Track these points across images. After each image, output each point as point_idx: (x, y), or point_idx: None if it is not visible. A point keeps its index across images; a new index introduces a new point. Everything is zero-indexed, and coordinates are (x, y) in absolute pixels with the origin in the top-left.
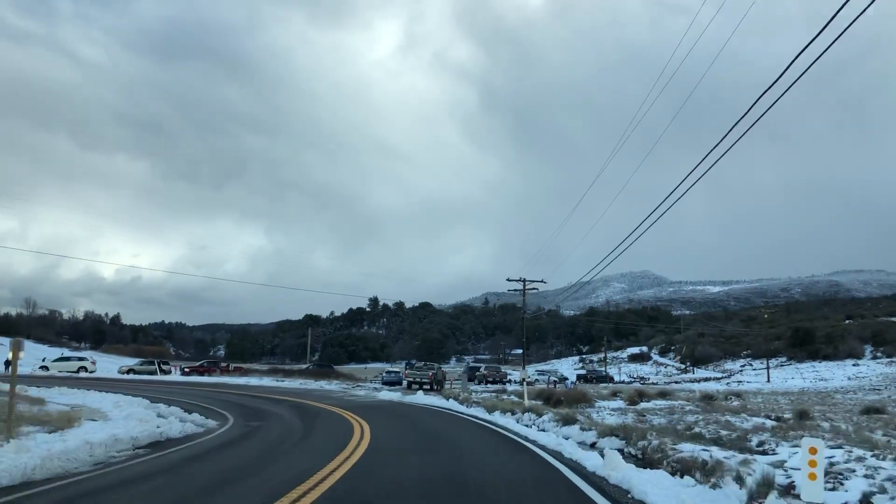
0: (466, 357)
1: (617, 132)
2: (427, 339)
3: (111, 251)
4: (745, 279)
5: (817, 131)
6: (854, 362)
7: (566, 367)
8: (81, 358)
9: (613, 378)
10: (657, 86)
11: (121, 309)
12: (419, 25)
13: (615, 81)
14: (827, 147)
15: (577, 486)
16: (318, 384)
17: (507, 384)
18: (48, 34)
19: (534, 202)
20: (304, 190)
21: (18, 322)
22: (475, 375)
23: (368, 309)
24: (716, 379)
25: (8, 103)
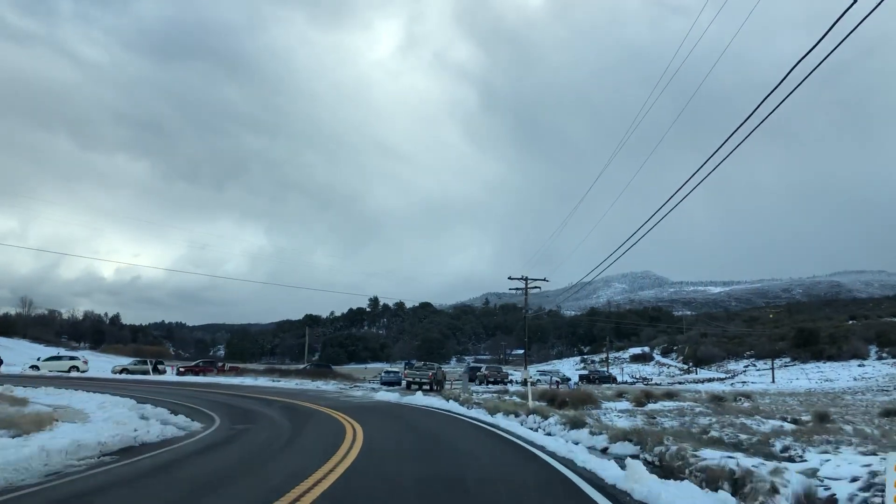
0: (467, 357)
1: (617, 132)
2: (427, 340)
3: (111, 251)
4: (746, 280)
5: (818, 131)
6: (859, 363)
7: (567, 368)
8: (73, 357)
9: (616, 378)
10: (658, 87)
11: (121, 309)
12: (419, 25)
13: (615, 81)
14: (827, 147)
15: None
16: (315, 384)
17: (509, 384)
18: (48, 34)
19: (534, 202)
20: (305, 190)
21: (16, 322)
22: (476, 376)
23: (369, 309)
24: (720, 379)
25: (8, 103)
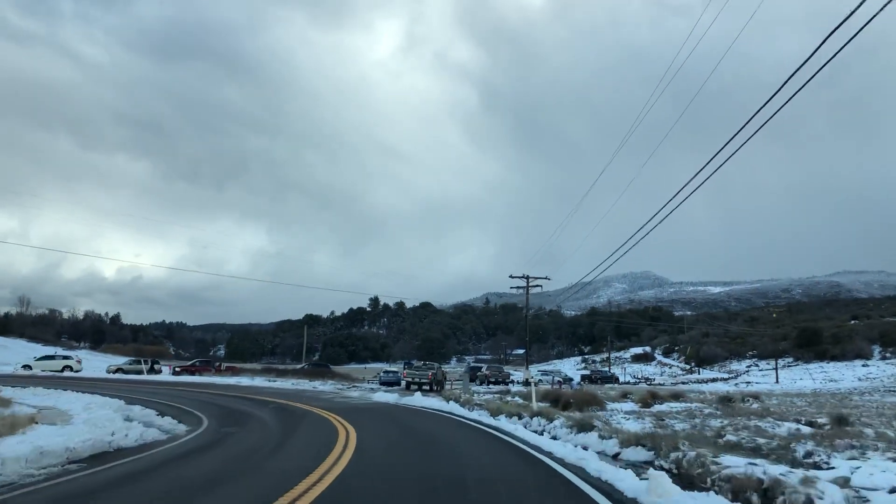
0: (467, 357)
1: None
2: (428, 339)
3: (112, 251)
4: (746, 280)
5: (818, 131)
6: (863, 363)
7: (568, 368)
8: (66, 357)
9: (619, 378)
10: (658, 87)
11: (121, 309)
12: (420, 26)
13: (616, 81)
14: (827, 147)
15: None
16: (312, 384)
17: (510, 385)
18: (49, 34)
19: (534, 202)
20: (305, 190)
21: (14, 321)
22: (477, 376)
23: (369, 309)
24: (723, 380)
25: (9, 103)
